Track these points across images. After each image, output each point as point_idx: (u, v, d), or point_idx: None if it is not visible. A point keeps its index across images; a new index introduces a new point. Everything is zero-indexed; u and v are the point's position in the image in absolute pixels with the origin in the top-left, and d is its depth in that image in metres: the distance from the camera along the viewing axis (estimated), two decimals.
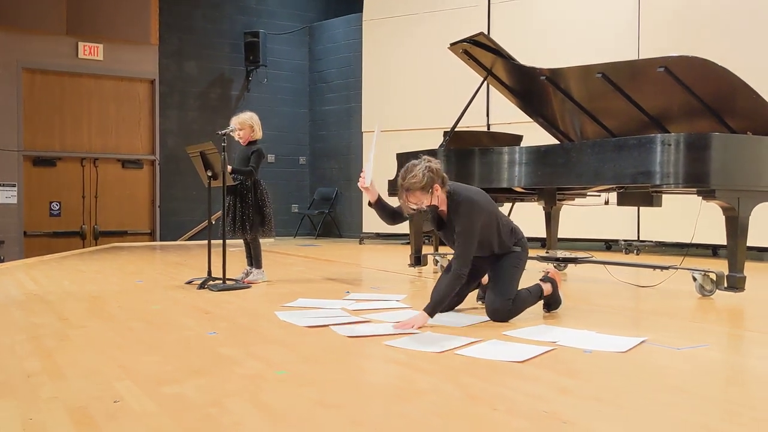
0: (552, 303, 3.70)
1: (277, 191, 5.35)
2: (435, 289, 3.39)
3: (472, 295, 3.86)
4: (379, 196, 3.51)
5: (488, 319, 3.43)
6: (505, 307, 3.39)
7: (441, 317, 3.42)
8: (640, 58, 7.24)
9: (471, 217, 3.32)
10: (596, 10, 8.40)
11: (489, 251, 3.54)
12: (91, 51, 10.06)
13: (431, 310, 3.25)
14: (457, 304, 3.71)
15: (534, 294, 3.58)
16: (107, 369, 2.48)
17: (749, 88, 4.03)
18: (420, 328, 3.20)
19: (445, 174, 3.35)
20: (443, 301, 3.32)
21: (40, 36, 9.70)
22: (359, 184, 3.50)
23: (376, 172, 3.49)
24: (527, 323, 3.35)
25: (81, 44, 9.99)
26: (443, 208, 3.40)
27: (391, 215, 3.54)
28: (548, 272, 3.74)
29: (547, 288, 3.65)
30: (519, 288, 3.51)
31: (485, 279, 3.75)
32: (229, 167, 4.96)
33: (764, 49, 6.97)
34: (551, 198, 5.31)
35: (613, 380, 2.37)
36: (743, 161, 4.03)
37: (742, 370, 2.65)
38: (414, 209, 3.32)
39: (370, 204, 3.54)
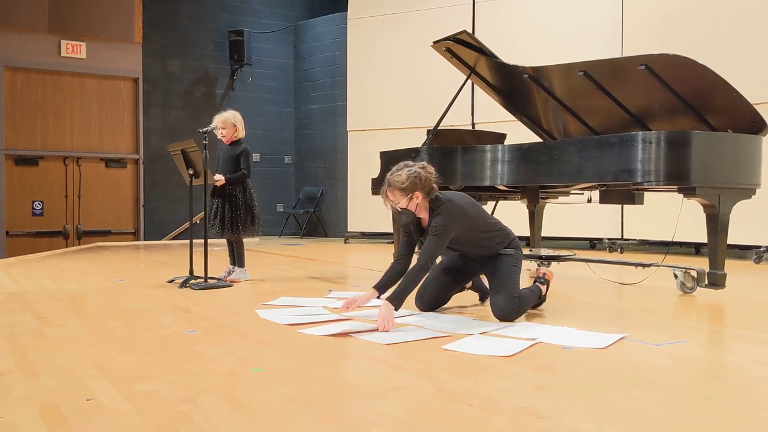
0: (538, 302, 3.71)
1: (262, 190, 5.32)
2: (401, 280, 3.27)
3: (458, 297, 3.85)
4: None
5: (471, 319, 3.40)
6: (513, 305, 3.34)
7: (423, 319, 3.39)
8: (623, 56, 7.26)
9: (449, 214, 3.31)
10: (580, 8, 8.42)
11: (474, 250, 3.54)
12: (73, 49, 9.97)
13: (395, 300, 3.14)
14: (441, 305, 3.69)
15: (535, 294, 3.59)
16: (81, 367, 2.45)
17: (729, 86, 4.04)
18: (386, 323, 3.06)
19: (435, 185, 3.33)
20: (407, 291, 3.21)
21: (22, 34, 9.60)
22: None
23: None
24: None
25: (63, 42, 9.89)
26: (424, 216, 3.38)
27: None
28: (544, 274, 3.75)
29: (543, 290, 3.68)
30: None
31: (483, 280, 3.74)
32: (221, 177, 4.94)
33: (745, 47, 7.01)
34: (534, 196, 5.32)
35: (590, 376, 2.36)
36: (723, 159, 4.04)
37: (720, 366, 2.66)
38: (393, 207, 3.34)
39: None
